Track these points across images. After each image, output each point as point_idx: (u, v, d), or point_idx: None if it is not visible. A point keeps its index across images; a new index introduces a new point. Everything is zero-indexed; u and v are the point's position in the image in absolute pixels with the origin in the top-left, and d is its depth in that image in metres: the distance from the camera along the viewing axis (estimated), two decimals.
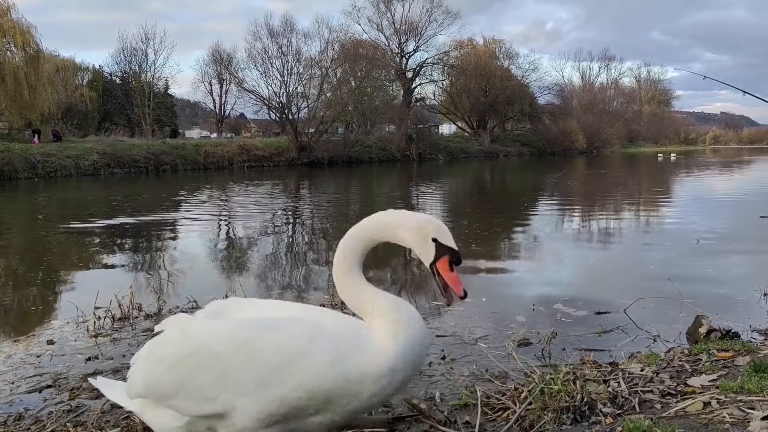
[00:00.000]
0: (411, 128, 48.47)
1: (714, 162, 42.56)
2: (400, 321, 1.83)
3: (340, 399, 1.76)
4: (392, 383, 1.79)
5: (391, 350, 1.79)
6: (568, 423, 2.46)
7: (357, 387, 1.76)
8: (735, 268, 6.84)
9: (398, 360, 1.79)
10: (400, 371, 1.80)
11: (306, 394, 1.74)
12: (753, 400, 2.47)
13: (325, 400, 1.75)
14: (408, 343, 1.81)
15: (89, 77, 46.96)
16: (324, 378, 1.74)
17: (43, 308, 5.52)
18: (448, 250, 1.88)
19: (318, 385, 1.75)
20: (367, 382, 1.76)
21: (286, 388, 1.74)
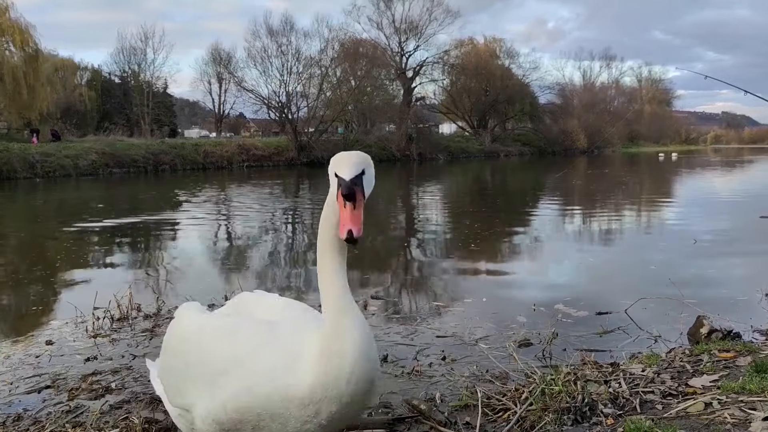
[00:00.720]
0: (411, 128, 48.43)
1: (715, 162, 42.56)
2: (334, 337, 1.55)
3: (270, 421, 1.60)
4: (321, 414, 1.56)
5: (314, 377, 1.55)
6: (569, 424, 2.45)
7: (283, 412, 1.58)
8: (736, 269, 6.83)
9: (319, 391, 1.54)
10: (326, 402, 1.55)
11: (240, 406, 1.63)
12: (754, 400, 2.46)
13: (256, 419, 1.61)
14: (336, 370, 1.53)
15: (88, 77, 46.92)
16: (253, 394, 1.61)
17: (42, 309, 5.51)
18: (340, 180, 1.53)
19: (248, 401, 1.62)
20: (291, 408, 1.57)
21: (226, 395, 1.65)
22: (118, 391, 3.30)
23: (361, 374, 1.55)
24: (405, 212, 14.53)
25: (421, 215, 13.86)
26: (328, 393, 1.55)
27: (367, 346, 1.58)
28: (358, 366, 1.54)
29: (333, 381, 1.54)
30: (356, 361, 1.54)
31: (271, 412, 1.59)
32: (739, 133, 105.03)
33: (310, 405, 1.56)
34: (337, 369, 1.53)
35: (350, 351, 1.54)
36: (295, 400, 1.57)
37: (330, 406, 1.55)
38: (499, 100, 56.00)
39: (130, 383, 3.43)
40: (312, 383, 1.55)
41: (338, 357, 1.53)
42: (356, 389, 1.55)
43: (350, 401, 1.56)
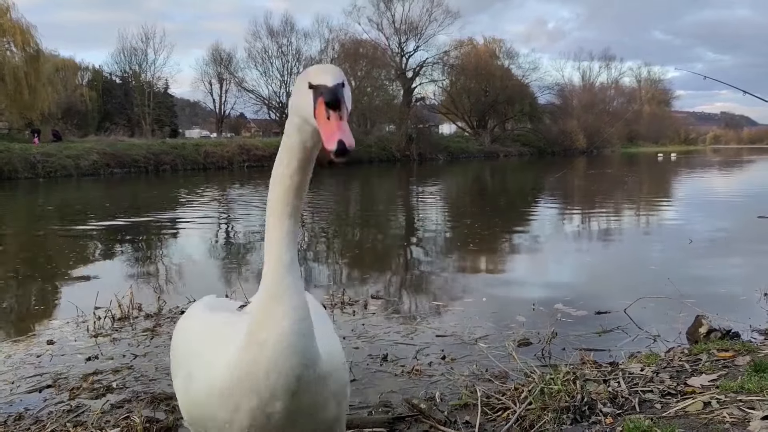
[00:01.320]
0: (411, 128, 48.45)
1: (714, 162, 42.55)
2: (258, 324, 1.38)
3: (207, 420, 1.49)
4: (241, 409, 1.40)
5: (231, 366, 1.41)
6: (568, 423, 2.46)
7: (208, 409, 1.46)
8: (734, 268, 6.84)
9: (235, 381, 1.39)
10: (244, 395, 1.38)
11: (183, 401, 1.57)
12: (753, 399, 2.47)
13: (198, 416, 1.53)
14: (253, 360, 1.36)
15: (89, 77, 46.95)
16: (188, 391, 1.54)
17: (43, 308, 5.52)
18: (322, 88, 1.26)
19: (183, 398, 1.57)
20: (213, 405, 1.44)
21: (178, 392, 1.62)
22: (119, 390, 3.31)
23: (284, 369, 1.35)
24: (405, 212, 14.54)
25: (421, 215, 13.87)
26: (243, 385, 1.39)
27: (296, 339, 1.36)
28: (280, 359, 1.35)
29: (247, 371, 1.37)
30: (278, 354, 1.35)
31: (201, 409, 1.49)
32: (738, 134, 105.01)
33: (228, 397, 1.41)
34: (253, 359, 1.37)
35: (272, 341, 1.35)
36: (215, 391, 1.44)
37: (249, 401, 1.38)
38: (498, 100, 56.00)
39: (131, 382, 3.44)
40: (228, 372, 1.41)
41: (258, 346, 1.36)
42: (276, 384, 1.36)
43: (270, 397, 1.38)
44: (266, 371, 1.36)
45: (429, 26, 52.19)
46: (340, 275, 6.95)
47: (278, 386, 1.37)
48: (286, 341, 1.35)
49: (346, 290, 5.47)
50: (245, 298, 5.53)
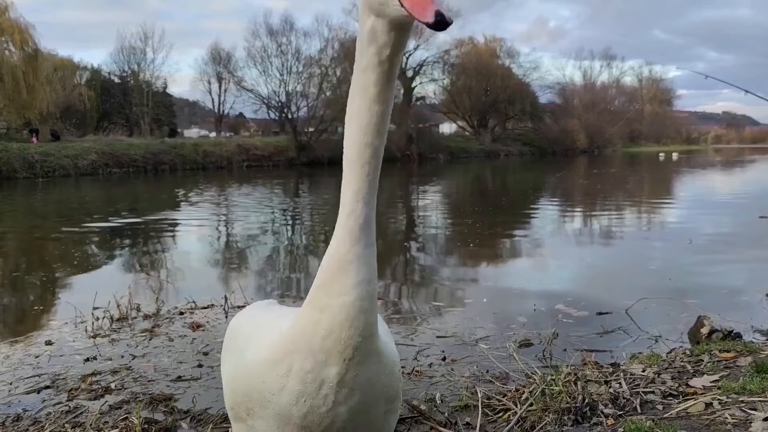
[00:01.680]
0: (411, 128, 48.42)
1: (716, 161, 42.57)
2: (321, 288, 1.30)
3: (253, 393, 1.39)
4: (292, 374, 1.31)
5: (286, 330, 1.35)
6: (570, 424, 2.44)
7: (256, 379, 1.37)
8: (736, 269, 6.83)
9: (289, 341, 1.32)
10: (297, 356, 1.30)
11: (231, 385, 1.50)
12: (755, 400, 2.46)
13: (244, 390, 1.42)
14: (311, 320, 1.29)
15: (88, 76, 46.87)
16: (235, 366, 1.48)
17: (42, 309, 5.50)
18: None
19: (230, 375, 1.50)
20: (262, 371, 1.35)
21: (225, 378, 1.59)
22: (118, 391, 3.30)
23: (342, 335, 1.27)
24: (405, 212, 14.53)
25: (422, 215, 13.86)
26: (298, 344, 1.30)
27: (358, 313, 1.27)
28: (340, 326, 1.27)
29: (303, 331, 1.30)
30: (339, 321, 1.27)
31: (248, 380, 1.39)
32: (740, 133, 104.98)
33: (280, 360, 1.32)
34: (312, 320, 1.29)
35: (335, 310, 1.27)
36: (266, 356, 1.35)
37: (303, 362, 1.29)
38: (499, 99, 55.99)
39: (130, 383, 3.42)
40: (282, 337, 1.35)
41: (319, 310, 1.29)
42: (332, 348, 1.27)
43: (325, 360, 1.28)
44: (325, 332, 1.28)
45: None
46: None
47: (334, 350, 1.29)
48: (348, 313, 1.27)
49: None
50: (245, 298, 5.51)
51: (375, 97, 1.23)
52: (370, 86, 1.22)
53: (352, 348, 1.29)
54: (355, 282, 1.27)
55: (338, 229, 1.28)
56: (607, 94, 73.87)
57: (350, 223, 1.27)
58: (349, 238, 1.26)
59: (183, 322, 4.67)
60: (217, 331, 4.46)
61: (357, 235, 1.26)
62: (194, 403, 3.12)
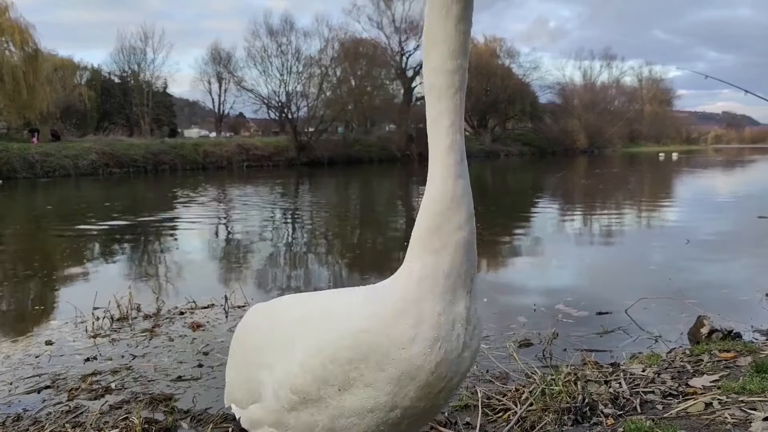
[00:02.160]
0: (411, 127, 48.42)
1: (715, 161, 42.57)
2: (427, 248, 1.25)
3: (364, 366, 1.26)
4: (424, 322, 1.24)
5: (398, 284, 1.28)
6: (569, 424, 2.45)
7: (376, 338, 1.25)
8: (736, 269, 6.83)
9: (409, 295, 1.24)
10: (429, 305, 1.24)
11: (322, 356, 1.31)
12: (755, 400, 2.46)
13: (345, 369, 1.28)
14: (436, 265, 1.24)
15: (88, 76, 46.86)
16: (333, 337, 1.31)
17: (42, 309, 5.51)
18: None
19: (330, 346, 1.30)
20: (387, 327, 1.25)
21: (301, 352, 1.36)
22: (118, 391, 3.30)
23: (463, 272, 1.26)
24: (405, 212, 14.53)
25: None
26: (422, 289, 1.24)
27: (472, 251, 1.29)
28: (459, 263, 1.25)
29: (421, 275, 1.24)
30: (458, 259, 1.25)
31: (361, 349, 1.26)
32: (740, 133, 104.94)
33: (407, 311, 1.24)
34: (430, 262, 1.24)
35: (452, 248, 1.24)
36: (388, 311, 1.25)
37: (434, 305, 1.24)
38: (499, 99, 55.99)
39: (130, 383, 3.42)
40: (398, 286, 1.27)
41: (434, 252, 1.24)
42: (456, 286, 1.26)
43: (452, 300, 1.26)
44: (448, 270, 1.24)
45: None
46: (340, 275, 6.93)
47: (458, 286, 1.27)
48: (465, 248, 1.26)
49: None
50: (245, 298, 5.50)
51: (460, 15, 1.18)
52: (454, 4, 1.17)
53: (470, 278, 1.30)
54: (466, 216, 1.27)
55: (439, 167, 1.24)
56: (607, 94, 73.84)
57: (452, 158, 1.23)
58: (454, 173, 1.24)
59: (183, 322, 4.67)
60: (218, 331, 4.47)
61: (459, 170, 1.24)
62: (194, 403, 3.13)
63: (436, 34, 1.21)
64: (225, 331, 4.45)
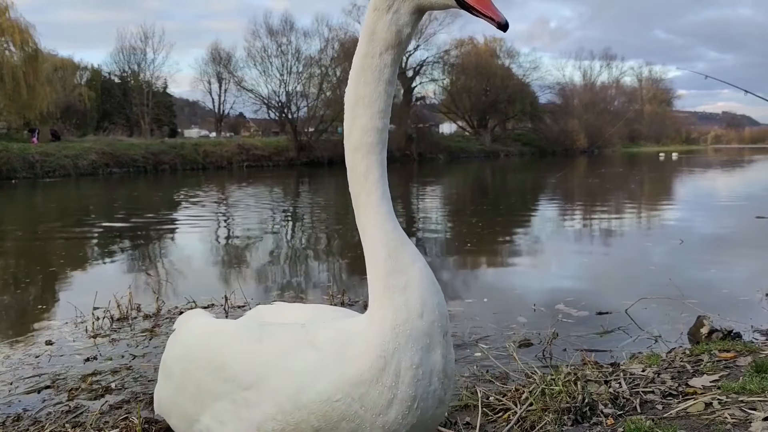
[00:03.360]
0: (411, 127, 48.42)
1: (715, 162, 42.58)
2: (395, 271, 1.22)
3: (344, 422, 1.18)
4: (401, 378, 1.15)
5: (375, 327, 1.19)
6: (569, 424, 2.44)
7: (350, 406, 1.16)
8: (735, 269, 6.83)
9: (389, 337, 1.16)
10: (401, 352, 1.15)
11: (284, 425, 1.21)
12: (755, 400, 2.46)
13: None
14: (405, 305, 1.19)
15: (88, 76, 46.86)
16: (299, 403, 1.20)
17: (42, 309, 5.51)
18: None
19: (294, 414, 1.20)
20: (359, 391, 1.15)
21: (259, 414, 1.24)
22: (118, 391, 3.30)
23: (433, 305, 1.20)
24: (405, 212, 14.52)
25: (422, 215, 13.86)
26: (398, 337, 1.16)
27: (432, 277, 1.25)
28: (429, 296, 1.21)
29: (394, 319, 1.17)
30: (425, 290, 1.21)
31: (331, 419, 1.16)
32: (740, 133, 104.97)
33: (384, 370, 1.15)
34: (399, 302, 1.18)
35: (416, 281, 1.20)
36: (363, 374, 1.15)
37: (412, 357, 1.16)
38: (499, 99, 55.97)
39: (130, 383, 3.42)
40: (370, 337, 1.18)
41: (400, 290, 1.19)
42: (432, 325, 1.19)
43: (431, 344, 1.18)
44: (420, 307, 1.19)
45: (429, 25, 52.04)
46: (339, 275, 6.93)
47: (435, 326, 1.20)
48: (428, 276, 1.24)
49: (347, 291, 5.46)
50: (245, 298, 5.50)
51: (390, 79, 1.24)
52: (387, 68, 1.23)
53: (445, 317, 1.24)
54: (414, 252, 1.26)
55: (373, 216, 1.26)
56: (607, 94, 73.84)
57: (384, 206, 1.26)
58: (390, 219, 1.27)
59: None
60: None
61: (392, 218, 1.28)
62: None
63: (368, 95, 1.24)
64: None
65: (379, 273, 1.24)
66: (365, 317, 1.27)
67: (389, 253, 1.24)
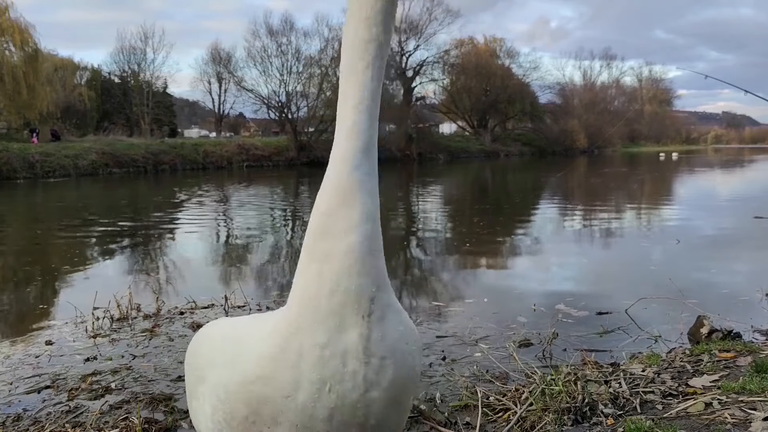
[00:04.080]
0: (411, 127, 48.41)
1: (715, 162, 42.58)
2: (311, 253, 1.06)
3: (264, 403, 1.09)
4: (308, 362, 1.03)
5: (282, 312, 1.09)
6: (569, 424, 2.45)
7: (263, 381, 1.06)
8: (736, 269, 6.83)
9: (295, 321, 1.04)
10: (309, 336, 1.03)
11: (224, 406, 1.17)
12: (755, 400, 2.46)
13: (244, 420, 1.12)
14: (317, 282, 1.03)
15: (88, 76, 46.82)
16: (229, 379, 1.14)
17: (42, 309, 5.51)
18: None
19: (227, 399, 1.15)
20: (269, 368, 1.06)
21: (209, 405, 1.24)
22: (118, 391, 3.30)
23: (351, 286, 1.02)
24: (405, 212, 14.52)
25: (422, 215, 13.85)
26: (302, 316, 1.02)
27: (366, 256, 1.04)
28: (347, 276, 1.03)
29: (301, 295, 1.03)
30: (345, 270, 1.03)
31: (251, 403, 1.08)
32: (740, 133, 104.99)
33: (286, 350, 1.03)
34: (312, 274, 1.03)
35: (338, 256, 1.02)
36: (267, 348, 1.05)
37: (315, 337, 1.02)
38: (499, 99, 55.96)
39: (130, 383, 3.42)
40: (278, 316, 1.08)
41: (318, 260, 1.03)
42: (344, 307, 1.02)
43: (339, 325, 1.02)
44: (332, 285, 1.01)
45: (429, 25, 52.13)
46: None
47: (348, 306, 1.02)
48: (356, 256, 1.02)
49: None
50: (245, 298, 5.51)
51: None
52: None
53: (367, 299, 1.03)
54: (360, 216, 1.04)
55: (335, 153, 1.05)
56: (607, 94, 73.84)
57: (351, 143, 1.03)
58: (350, 163, 1.03)
59: (183, 322, 4.67)
60: None
61: (359, 159, 1.04)
62: None
63: (355, 4, 1.04)
64: None
65: (310, 230, 1.07)
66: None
67: (329, 210, 1.04)
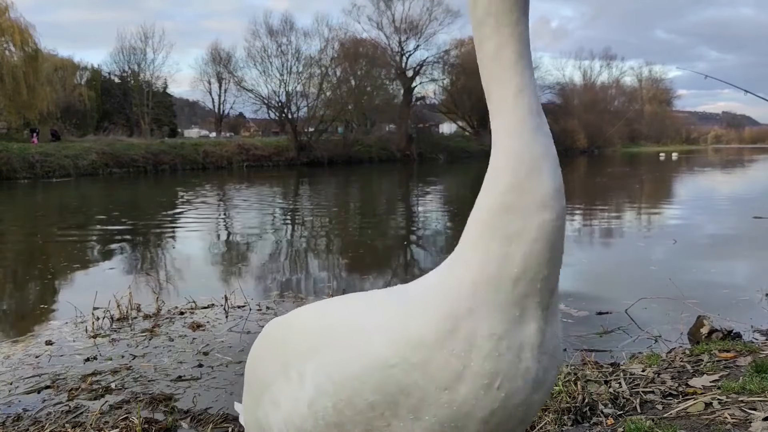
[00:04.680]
0: (411, 127, 48.42)
1: (715, 161, 42.59)
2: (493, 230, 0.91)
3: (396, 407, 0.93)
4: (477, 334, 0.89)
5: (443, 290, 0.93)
6: (569, 424, 2.45)
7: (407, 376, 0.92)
8: (735, 269, 6.83)
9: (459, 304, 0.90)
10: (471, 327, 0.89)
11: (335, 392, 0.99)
12: (755, 400, 2.46)
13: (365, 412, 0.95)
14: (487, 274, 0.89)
15: (88, 76, 46.82)
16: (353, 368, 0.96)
17: (42, 309, 5.51)
18: None
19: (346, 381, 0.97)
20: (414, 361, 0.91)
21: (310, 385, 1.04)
22: (118, 391, 3.30)
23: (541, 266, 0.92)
24: (405, 212, 14.53)
25: (422, 215, 13.86)
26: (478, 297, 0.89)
27: (559, 238, 0.95)
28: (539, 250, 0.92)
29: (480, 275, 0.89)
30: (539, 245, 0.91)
31: (387, 390, 0.92)
32: (740, 133, 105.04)
33: (453, 334, 0.89)
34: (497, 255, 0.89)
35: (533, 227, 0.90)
36: (424, 334, 0.90)
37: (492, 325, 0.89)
38: None
39: (130, 383, 3.42)
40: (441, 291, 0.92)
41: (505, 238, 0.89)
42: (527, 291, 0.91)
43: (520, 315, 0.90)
44: (519, 271, 0.88)
45: (429, 25, 52.13)
46: (340, 275, 6.93)
47: (531, 296, 0.90)
48: (549, 238, 0.91)
49: (346, 290, 5.46)
50: (245, 298, 5.51)
51: None
52: None
53: (550, 291, 0.93)
54: (554, 188, 0.92)
55: (506, 121, 0.89)
56: (607, 94, 73.88)
57: (524, 105, 0.88)
58: (530, 126, 0.88)
59: (183, 322, 4.67)
60: (218, 331, 4.47)
61: (536, 122, 0.89)
62: (194, 403, 3.13)
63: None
64: (225, 331, 4.46)
65: (488, 205, 0.90)
66: (446, 264, 0.98)
67: (512, 183, 0.88)
